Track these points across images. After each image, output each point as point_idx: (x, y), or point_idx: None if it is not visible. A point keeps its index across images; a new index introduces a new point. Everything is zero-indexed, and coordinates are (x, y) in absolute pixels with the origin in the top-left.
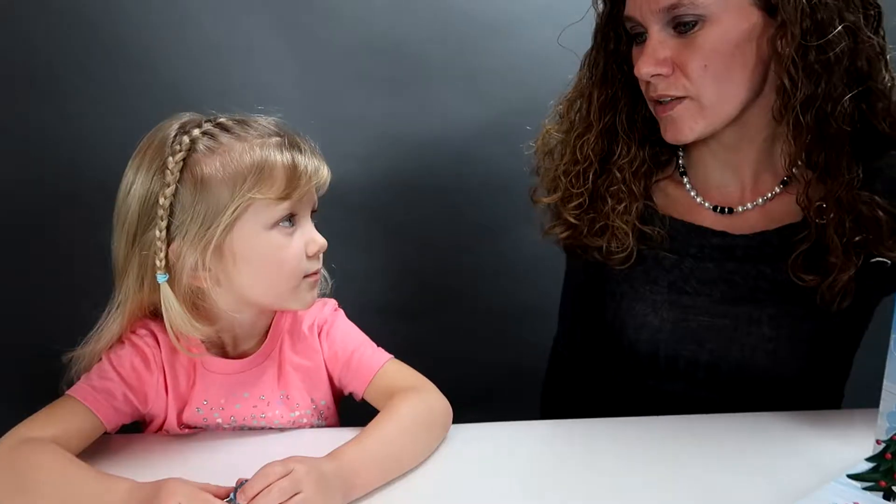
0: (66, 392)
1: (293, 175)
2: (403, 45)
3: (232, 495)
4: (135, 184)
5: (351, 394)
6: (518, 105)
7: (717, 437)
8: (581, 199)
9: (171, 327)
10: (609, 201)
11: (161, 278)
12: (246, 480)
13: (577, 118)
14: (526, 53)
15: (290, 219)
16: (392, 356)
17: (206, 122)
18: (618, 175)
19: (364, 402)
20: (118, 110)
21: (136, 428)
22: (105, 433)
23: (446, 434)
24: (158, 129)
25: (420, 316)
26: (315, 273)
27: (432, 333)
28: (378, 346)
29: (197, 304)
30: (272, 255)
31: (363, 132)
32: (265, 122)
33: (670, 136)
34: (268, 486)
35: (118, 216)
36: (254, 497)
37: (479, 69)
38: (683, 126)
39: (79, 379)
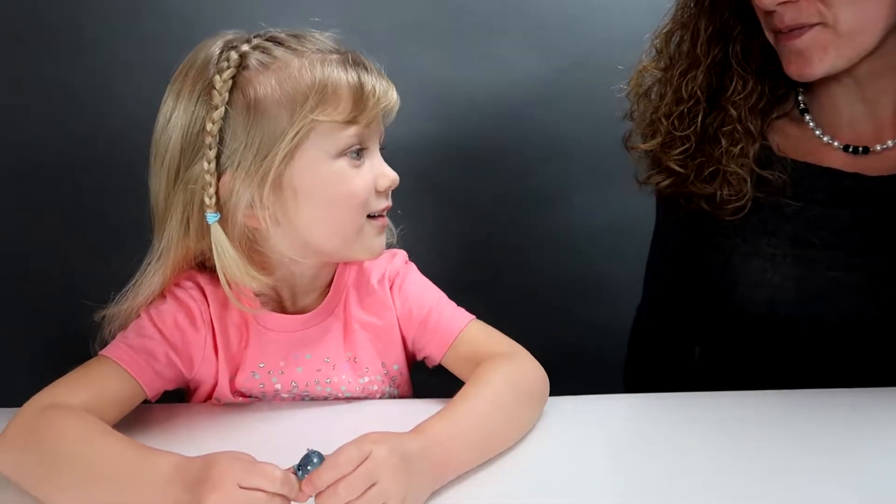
0: (100, 353)
1: (360, 96)
2: None
3: (297, 467)
4: (175, 111)
5: (424, 359)
6: (583, 59)
7: (861, 415)
8: (687, 144)
9: (224, 276)
10: (722, 142)
11: (211, 218)
12: (314, 452)
13: (677, 53)
14: (593, 1)
15: (359, 153)
16: (475, 316)
17: (255, 36)
18: (732, 112)
19: (437, 370)
20: (144, 63)
21: (180, 399)
22: (143, 403)
23: (544, 408)
24: (200, 49)
25: (467, 290)
26: (382, 215)
27: (480, 310)
28: None
29: (252, 250)
30: (338, 187)
31: (410, 88)
32: (321, 36)
33: (795, 70)
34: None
35: (156, 151)
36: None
37: (540, 19)
38: (812, 57)
39: (113, 339)
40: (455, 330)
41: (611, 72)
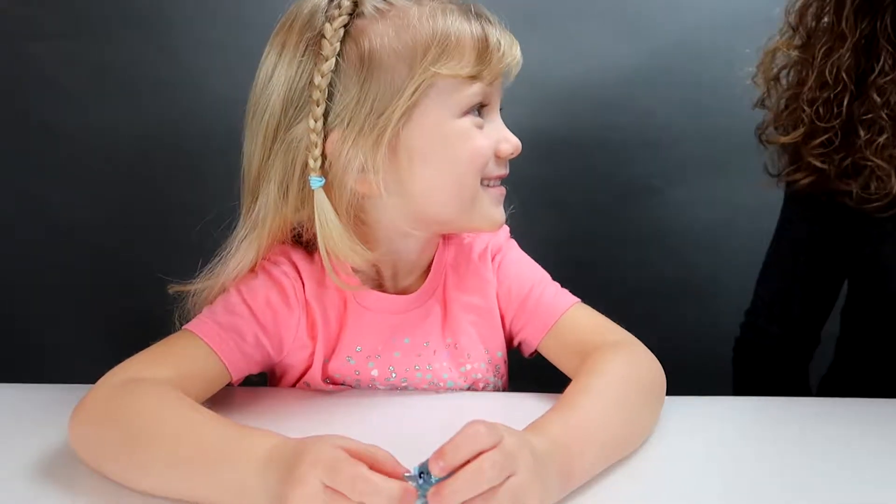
0: (185, 327)
1: (484, 49)
2: None
3: (416, 472)
4: (279, 65)
5: (520, 345)
6: (682, 41)
7: None
8: (829, 134)
9: (325, 248)
10: (861, 133)
11: (315, 183)
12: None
13: (817, 29)
14: None
15: (480, 110)
16: (579, 299)
17: None
18: (876, 99)
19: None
20: (227, 45)
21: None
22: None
23: (662, 407)
24: (301, 1)
25: None
26: (498, 184)
27: None
28: None
29: (357, 221)
30: (460, 147)
31: None
32: None
33: None
34: (476, 455)
35: (254, 111)
36: (454, 470)
37: (630, 1)
38: None
39: (197, 312)
40: (557, 312)
41: (713, 55)
